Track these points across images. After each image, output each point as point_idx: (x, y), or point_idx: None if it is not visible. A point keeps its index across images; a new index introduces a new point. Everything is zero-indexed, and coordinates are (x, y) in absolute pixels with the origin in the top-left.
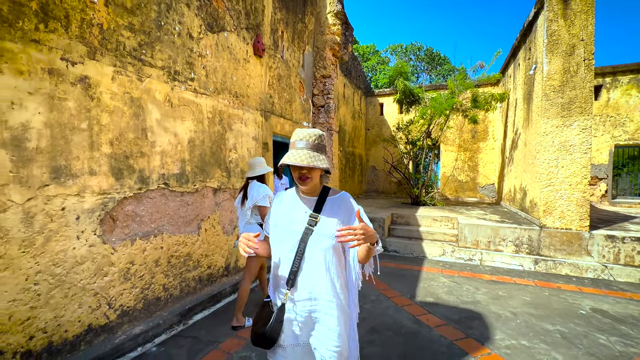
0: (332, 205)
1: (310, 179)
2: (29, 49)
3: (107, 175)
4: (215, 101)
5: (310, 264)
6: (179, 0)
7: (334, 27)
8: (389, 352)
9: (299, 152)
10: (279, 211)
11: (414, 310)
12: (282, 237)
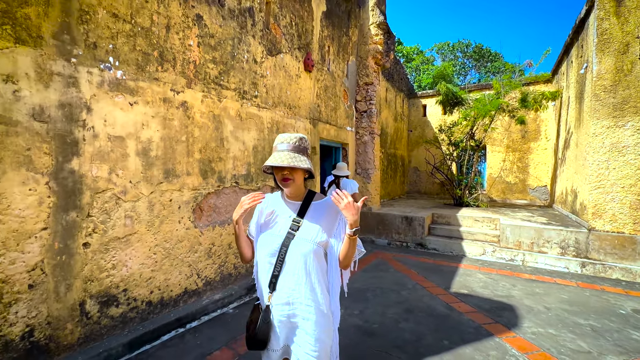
0: (316, 210)
1: (292, 180)
2: (152, 85)
3: (198, 175)
4: (273, 113)
5: (290, 268)
6: (247, 33)
7: (376, 37)
8: (421, 327)
9: (280, 154)
10: (263, 215)
11: (448, 299)
12: (265, 241)
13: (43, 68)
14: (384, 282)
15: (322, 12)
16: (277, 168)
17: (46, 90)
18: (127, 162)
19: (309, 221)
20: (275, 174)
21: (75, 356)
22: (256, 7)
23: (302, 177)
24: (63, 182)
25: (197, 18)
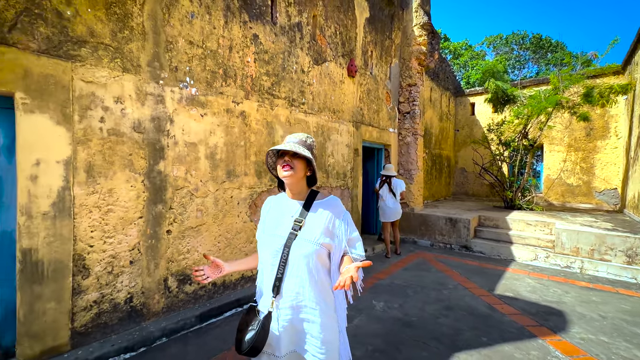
0: (319, 209)
1: (292, 168)
2: (218, 98)
3: (253, 175)
4: (319, 118)
5: (293, 270)
6: (295, 46)
7: (419, 38)
8: (460, 324)
9: (284, 145)
10: (267, 217)
11: (490, 300)
12: (268, 243)
13: (141, 90)
14: (425, 281)
15: (365, 19)
16: (279, 158)
17: (142, 108)
18: (198, 164)
19: (311, 221)
20: (277, 165)
21: (160, 321)
22: (304, 22)
23: (303, 172)
24: (153, 181)
25: (254, 37)
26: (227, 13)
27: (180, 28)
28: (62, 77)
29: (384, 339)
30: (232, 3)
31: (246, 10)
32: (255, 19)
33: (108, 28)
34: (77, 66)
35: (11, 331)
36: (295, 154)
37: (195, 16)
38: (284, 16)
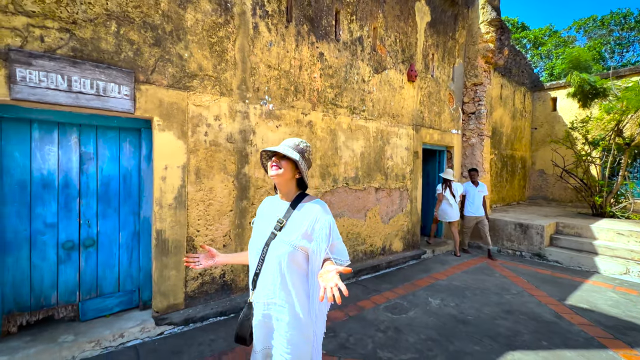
0: (300, 212)
1: (280, 169)
2: (290, 111)
3: (318, 177)
4: (378, 123)
5: (268, 268)
6: (357, 58)
7: (486, 35)
8: (519, 327)
9: (274, 147)
10: (259, 215)
11: (559, 309)
12: (253, 239)
13: (232, 109)
14: (486, 284)
15: (426, 23)
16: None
17: (233, 123)
18: None
19: (292, 222)
20: (266, 167)
21: (244, 296)
22: (365, 35)
23: (291, 173)
24: (240, 181)
25: (320, 55)
26: (298, 37)
27: (261, 55)
28: (182, 103)
29: (437, 331)
30: (302, 28)
31: (313, 32)
32: (321, 39)
33: (211, 63)
34: (190, 94)
35: (148, 289)
36: (284, 155)
37: (273, 44)
38: (346, 32)
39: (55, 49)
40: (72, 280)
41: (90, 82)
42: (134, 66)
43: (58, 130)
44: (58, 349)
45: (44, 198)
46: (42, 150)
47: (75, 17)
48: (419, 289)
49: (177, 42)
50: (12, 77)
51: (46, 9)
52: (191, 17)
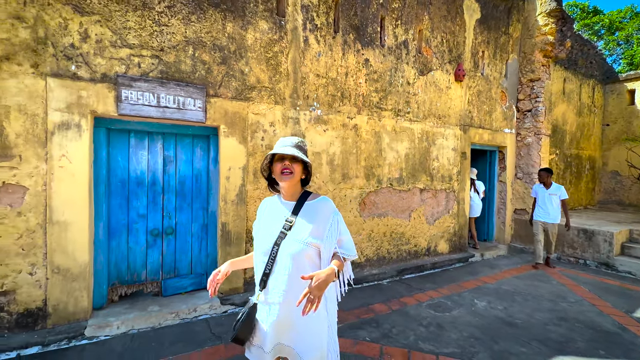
0: (309, 209)
1: (292, 173)
2: (336, 116)
3: (362, 178)
4: (423, 125)
5: (281, 268)
6: (401, 62)
7: (545, 28)
8: (573, 334)
9: (283, 148)
10: (262, 217)
11: (624, 321)
12: (259, 240)
13: (285, 116)
14: (540, 291)
15: (475, 21)
16: (277, 161)
17: (286, 128)
18: (321, 169)
19: (302, 221)
20: (275, 169)
21: None
22: (410, 38)
23: (300, 175)
24: None
25: (365, 61)
26: (344, 46)
27: (310, 66)
28: (242, 112)
29: (481, 330)
30: (348, 37)
31: (359, 40)
32: (366, 46)
33: (267, 76)
34: (250, 104)
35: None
36: (294, 157)
37: (321, 54)
38: (391, 38)
39: (148, 73)
40: (157, 262)
41: (173, 98)
42: (206, 82)
43: (148, 138)
44: (148, 316)
45: (138, 193)
46: (137, 154)
47: (162, 45)
48: (464, 290)
49: (240, 60)
50: (119, 97)
51: (142, 41)
52: (251, 37)
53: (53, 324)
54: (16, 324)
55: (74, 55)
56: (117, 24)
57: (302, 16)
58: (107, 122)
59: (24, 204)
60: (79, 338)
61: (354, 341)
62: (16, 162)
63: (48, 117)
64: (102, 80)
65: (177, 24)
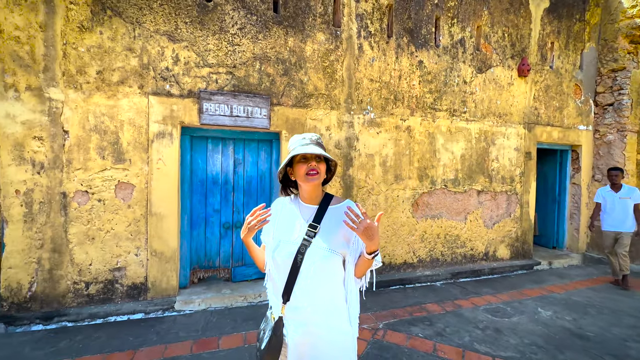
0: (334, 215)
1: (319, 174)
2: (389, 118)
3: (415, 179)
4: (481, 124)
5: (306, 279)
6: (457, 61)
7: (631, 10)
8: None
9: (305, 147)
10: (277, 221)
11: None
12: (279, 249)
13: (340, 120)
14: (620, 305)
15: (543, 10)
16: (299, 162)
17: (340, 132)
18: (374, 170)
19: (327, 227)
20: (297, 170)
21: None
22: (467, 36)
23: (324, 175)
24: (345, 181)
25: (419, 63)
26: (398, 50)
27: (364, 71)
28: (301, 118)
29: (544, 339)
30: (401, 41)
31: (413, 43)
32: (420, 48)
33: (323, 83)
34: (308, 111)
35: None
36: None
37: (375, 60)
38: (447, 37)
39: (224, 87)
40: (228, 251)
41: (243, 108)
42: (270, 93)
43: (221, 143)
44: (222, 297)
45: (213, 191)
46: (213, 157)
47: (235, 62)
48: (527, 298)
49: (299, 70)
50: (201, 109)
51: (219, 60)
52: (309, 48)
53: (151, 297)
54: (126, 294)
55: (168, 76)
56: (200, 47)
57: (356, 25)
58: (191, 130)
59: (132, 199)
60: (170, 310)
61: (407, 336)
62: (127, 165)
63: (149, 128)
64: (188, 96)
65: (247, 43)
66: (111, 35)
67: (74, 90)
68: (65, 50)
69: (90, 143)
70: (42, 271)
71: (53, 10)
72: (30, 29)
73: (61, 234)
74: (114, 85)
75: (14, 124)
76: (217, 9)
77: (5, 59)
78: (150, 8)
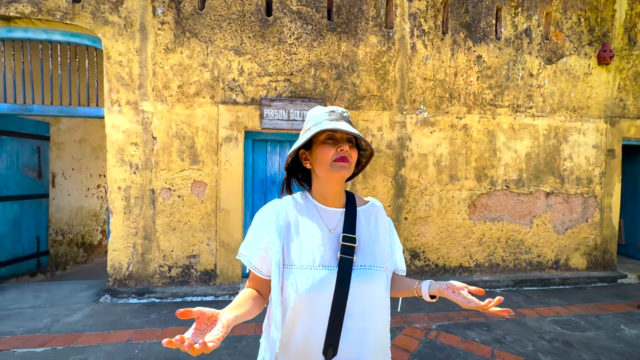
0: (367, 218)
1: (350, 163)
2: (444, 117)
3: (473, 179)
4: (551, 120)
5: (360, 318)
6: (522, 53)
7: None
8: None
9: (335, 123)
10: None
11: None
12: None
13: (392, 120)
14: None
15: None
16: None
17: (392, 132)
18: (427, 170)
19: (365, 237)
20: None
21: None
22: (533, 25)
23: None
24: (397, 181)
25: (477, 58)
26: (454, 46)
27: (417, 70)
28: (353, 120)
29: (625, 358)
30: (458, 37)
31: (470, 37)
32: (478, 42)
33: (375, 85)
34: (360, 112)
35: None
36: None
37: (429, 58)
38: (509, 28)
39: (282, 94)
40: None
41: (299, 112)
42: (324, 97)
43: (279, 146)
44: None
45: (272, 190)
46: (271, 159)
47: (292, 70)
48: (606, 312)
49: (352, 73)
50: (262, 115)
51: (278, 69)
52: (362, 52)
53: (220, 282)
54: (199, 279)
55: (234, 87)
56: (261, 58)
57: (409, 24)
58: (253, 134)
59: (204, 195)
60: (235, 295)
61: (461, 339)
62: (201, 166)
63: (218, 133)
64: (251, 103)
65: (303, 51)
66: (189, 53)
67: (160, 102)
68: (154, 70)
69: (172, 147)
70: (136, 254)
71: (146, 37)
72: (129, 54)
73: (150, 224)
74: (191, 97)
75: (117, 132)
76: (277, 22)
77: (112, 79)
78: (220, 27)
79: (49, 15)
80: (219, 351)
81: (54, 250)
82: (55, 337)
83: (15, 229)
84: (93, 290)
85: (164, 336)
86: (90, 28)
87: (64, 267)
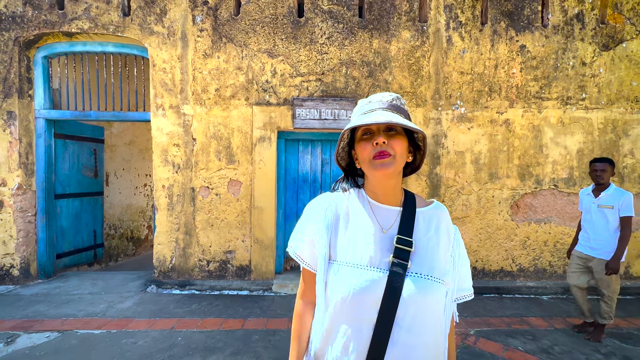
0: (428, 222)
1: (392, 156)
2: (483, 112)
3: (516, 178)
4: (608, 112)
5: (409, 331)
6: (573, 40)
7: None
8: None
9: (366, 116)
10: (337, 230)
11: None
12: (348, 281)
13: (426, 117)
14: None
15: None
16: (362, 141)
17: (427, 129)
18: (464, 168)
19: (424, 242)
20: (361, 151)
21: None
22: (586, 8)
23: (405, 158)
24: (432, 180)
25: (520, 49)
26: (494, 37)
27: (453, 64)
28: None
29: None
30: (498, 26)
31: (512, 26)
32: (522, 31)
33: (409, 81)
34: None
35: None
36: (390, 128)
37: (466, 51)
38: (558, 14)
39: (313, 93)
40: None
41: (330, 111)
42: (355, 95)
43: (311, 145)
44: None
45: (303, 188)
46: (303, 158)
47: (323, 69)
48: None
49: (384, 70)
50: (294, 114)
51: (309, 69)
52: (394, 48)
53: (254, 278)
54: (235, 273)
55: (267, 88)
56: (293, 59)
57: (444, 17)
58: (285, 134)
59: (240, 194)
60: (269, 291)
61: (503, 346)
62: (237, 165)
63: (253, 133)
64: (284, 104)
65: (334, 50)
66: (225, 58)
67: (199, 105)
68: (194, 75)
69: (210, 148)
70: (179, 249)
71: (186, 44)
72: (172, 61)
73: (191, 221)
74: (227, 99)
75: (162, 135)
76: (308, 23)
77: (157, 85)
78: (254, 31)
79: (104, 29)
80: (253, 344)
81: (107, 243)
82: (109, 321)
83: (76, 223)
84: (141, 281)
85: (204, 326)
86: (138, 39)
87: (116, 259)
